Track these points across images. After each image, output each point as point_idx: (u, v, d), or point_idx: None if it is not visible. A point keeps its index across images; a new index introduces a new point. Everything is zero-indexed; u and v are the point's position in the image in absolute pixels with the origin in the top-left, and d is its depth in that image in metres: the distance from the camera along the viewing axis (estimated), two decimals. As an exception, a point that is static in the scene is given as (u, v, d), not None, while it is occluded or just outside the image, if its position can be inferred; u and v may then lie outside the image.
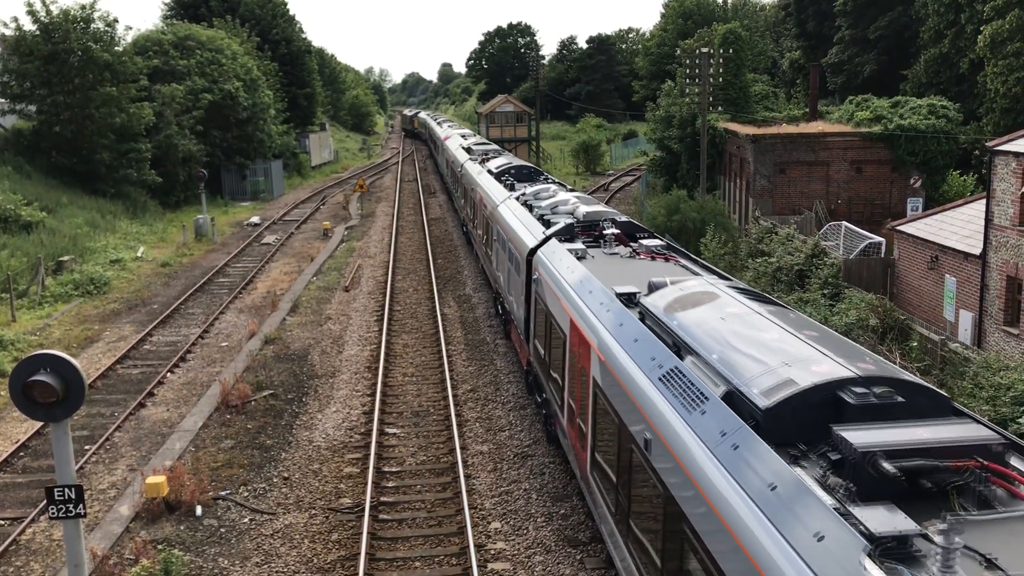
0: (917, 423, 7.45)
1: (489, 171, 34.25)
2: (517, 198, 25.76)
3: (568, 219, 20.44)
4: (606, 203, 49.75)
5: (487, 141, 58.12)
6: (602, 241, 18.46)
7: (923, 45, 56.11)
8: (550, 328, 16.74)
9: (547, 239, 19.28)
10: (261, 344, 26.04)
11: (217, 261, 38.52)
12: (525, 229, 21.57)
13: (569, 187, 28.70)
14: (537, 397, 19.73)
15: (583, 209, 20.75)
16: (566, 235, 19.23)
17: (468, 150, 47.74)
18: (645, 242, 18.04)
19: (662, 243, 18.15)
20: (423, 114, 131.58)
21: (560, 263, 16.93)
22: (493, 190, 29.49)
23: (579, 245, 17.87)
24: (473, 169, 37.58)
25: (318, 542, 15.03)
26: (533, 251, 19.51)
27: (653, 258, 16.85)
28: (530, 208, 23.51)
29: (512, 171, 32.71)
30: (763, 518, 6.91)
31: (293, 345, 26.31)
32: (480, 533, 15.11)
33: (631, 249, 17.67)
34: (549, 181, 30.37)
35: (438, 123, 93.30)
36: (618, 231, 18.71)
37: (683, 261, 16.38)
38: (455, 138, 59.69)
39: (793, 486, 6.87)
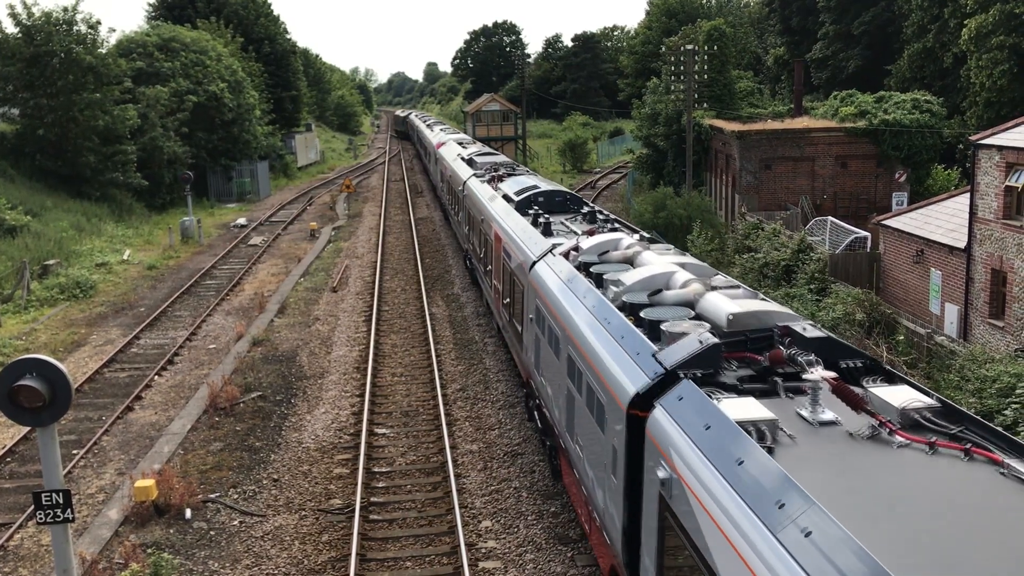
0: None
1: (506, 197, 25.41)
2: (569, 255, 16.19)
3: (693, 328, 10.39)
4: (593, 201, 49.84)
5: (491, 150, 47.02)
6: (791, 392, 8.97)
7: (907, 40, 56.41)
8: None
9: (666, 383, 9.54)
10: (249, 346, 25.97)
11: (204, 263, 38.38)
12: (623, 362, 10.78)
13: (644, 235, 18.23)
14: None
15: (718, 304, 11.06)
16: (706, 368, 9.52)
17: (470, 162, 38.00)
18: (877, 391, 8.49)
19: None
20: (413, 115, 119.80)
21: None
22: (521, 235, 20.01)
23: (755, 410, 8.33)
24: (481, 192, 28.55)
25: (308, 543, 15.01)
26: (642, 406, 9.67)
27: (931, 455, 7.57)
28: (600, 283, 13.76)
29: (539, 198, 23.61)
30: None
31: (281, 346, 26.25)
32: (471, 532, 15.12)
33: (874, 426, 7.93)
34: (598, 216, 21.20)
35: (428, 125, 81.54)
36: (832, 377, 8.58)
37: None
38: (451, 145, 49.16)
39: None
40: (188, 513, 15.88)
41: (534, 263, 17.30)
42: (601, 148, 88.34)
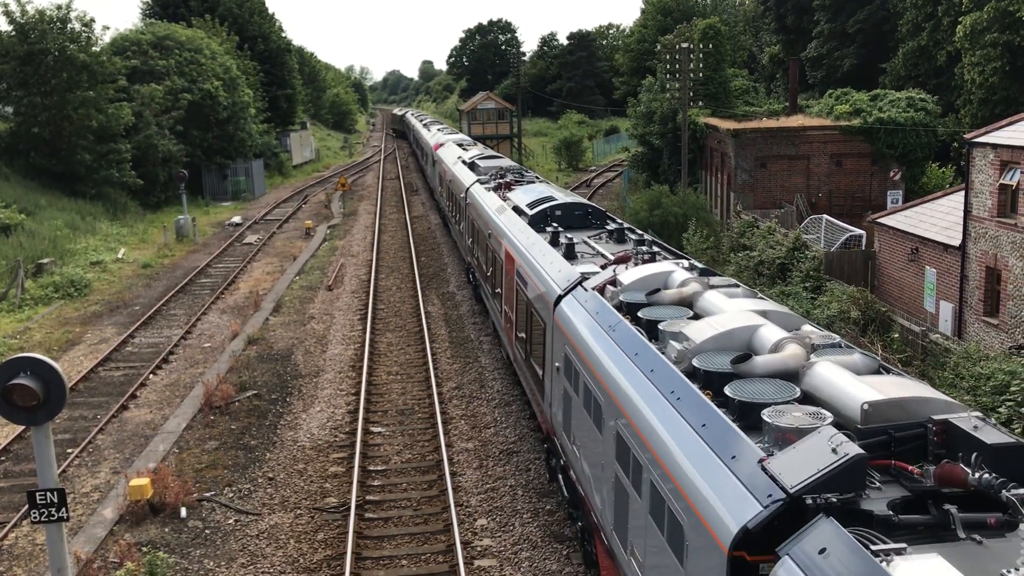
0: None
1: (517, 210, 22.40)
2: (605, 290, 13.48)
3: (811, 420, 7.64)
4: (589, 199, 49.89)
5: (494, 152, 43.15)
6: (971, 530, 6.31)
7: (901, 38, 56.48)
8: None
9: (789, 514, 6.72)
10: (244, 344, 25.93)
11: (199, 262, 38.32)
12: (711, 468, 7.87)
13: (694, 263, 14.64)
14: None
15: (845, 387, 8.15)
16: (846, 492, 6.66)
17: (472, 166, 35.17)
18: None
19: None
20: (409, 114, 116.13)
21: None
22: (539, 258, 17.12)
23: None
24: (487, 202, 25.73)
25: (304, 542, 15.00)
26: (754, 549, 6.92)
27: None
28: (654, 335, 11.07)
29: (556, 211, 20.75)
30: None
31: (276, 345, 26.22)
32: (466, 530, 15.12)
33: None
34: (627, 234, 18.49)
35: (424, 125, 77.38)
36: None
37: None
38: (450, 147, 45.82)
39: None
40: (183, 512, 15.86)
41: (560, 297, 14.38)
42: (596, 146, 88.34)
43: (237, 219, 50.06)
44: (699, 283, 12.34)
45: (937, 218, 27.14)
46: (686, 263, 14.34)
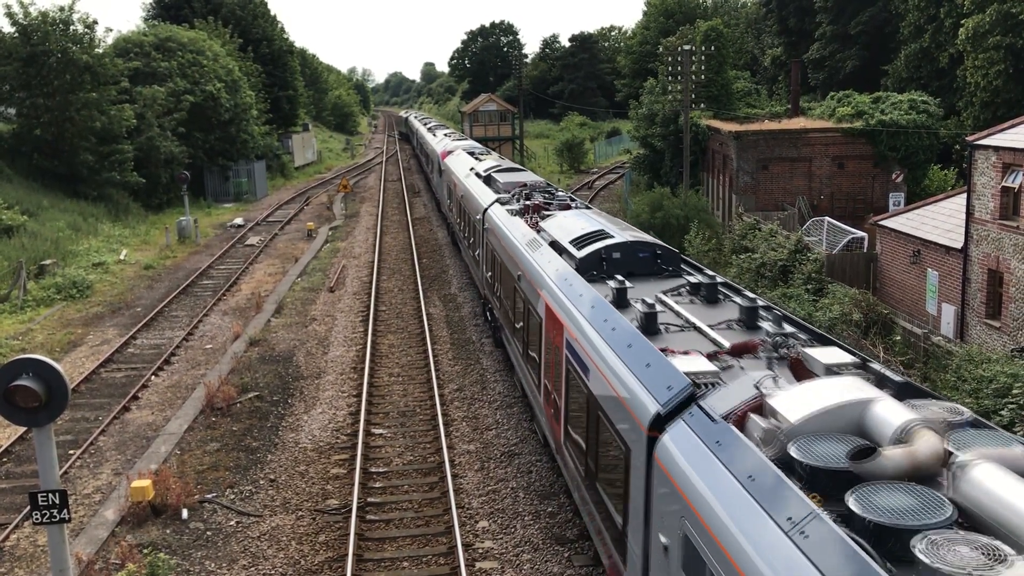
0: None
1: (558, 247, 17.16)
2: (747, 424, 8.47)
3: None
4: (590, 201, 49.83)
5: (512, 163, 37.09)
6: None
7: (903, 40, 56.48)
8: None
9: None
10: (246, 346, 25.94)
11: (201, 263, 38.34)
12: None
13: (871, 363, 9.54)
14: None
15: None
16: None
17: (488, 180, 29.78)
18: None
19: None
20: (412, 116, 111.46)
21: None
22: (608, 335, 12.00)
23: None
24: (514, 231, 20.56)
25: (305, 544, 14.99)
26: None
27: None
28: (874, 536, 6.20)
29: (612, 253, 15.58)
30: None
31: (278, 346, 26.22)
32: (468, 532, 15.11)
33: None
34: (720, 289, 13.61)
35: (430, 129, 72.17)
36: None
37: None
38: (460, 156, 40.75)
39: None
40: (185, 513, 15.86)
41: (659, 420, 9.25)
42: (598, 148, 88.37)
43: (239, 220, 50.10)
44: (936, 432, 7.12)
45: (939, 220, 27.12)
46: (871, 375, 9.03)
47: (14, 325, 28.52)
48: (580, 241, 16.46)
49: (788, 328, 11.03)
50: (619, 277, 13.98)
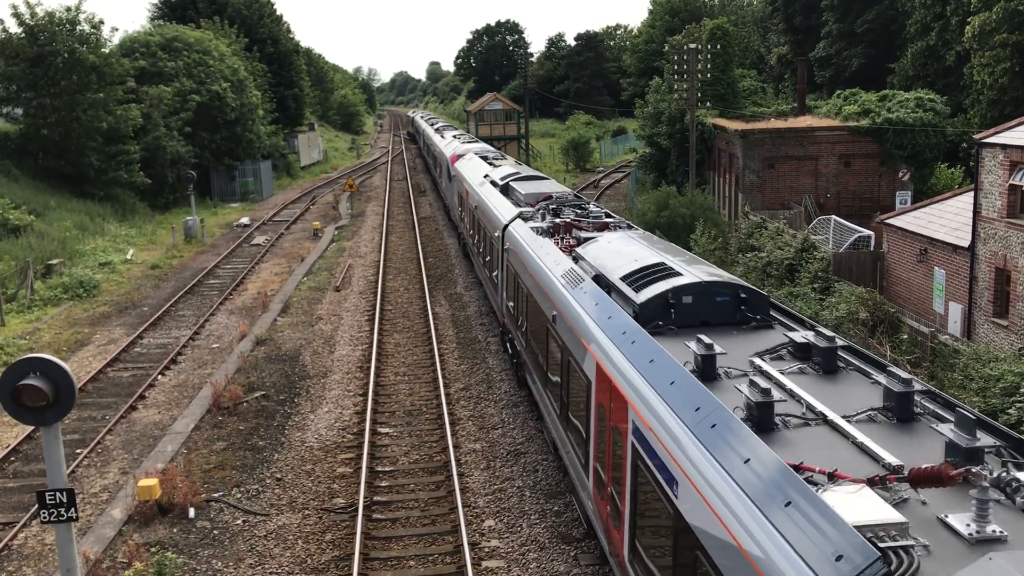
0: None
1: (605, 283, 14.04)
2: None
3: None
4: (596, 200, 49.79)
5: (532, 171, 32.47)
6: None
7: (909, 38, 56.31)
8: None
9: None
10: (252, 345, 25.98)
11: (207, 262, 38.41)
12: None
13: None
14: None
15: None
16: None
17: (506, 190, 27.33)
18: None
19: None
20: (418, 116, 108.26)
21: None
22: (687, 418, 8.86)
23: None
24: (543, 257, 17.48)
25: (312, 543, 15.01)
26: None
27: None
28: None
29: (682, 296, 12.25)
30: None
31: (284, 346, 26.26)
32: (474, 531, 15.12)
33: None
34: (842, 354, 10.30)
35: (437, 130, 69.62)
36: None
37: None
38: (472, 160, 38.10)
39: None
40: (192, 512, 15.90)
41: None
42: (604, 147, 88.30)
43: (245, 220, 50.17)
44: None
45: (946, 219, 27.04)
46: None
47: (21, 324, 28.61)
48: (637, 278, 13.06)
49: (987, 438, 7.56)
50: (702, 338, 10.26)
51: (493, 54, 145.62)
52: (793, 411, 8.69)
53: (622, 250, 15.09)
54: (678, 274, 12.65)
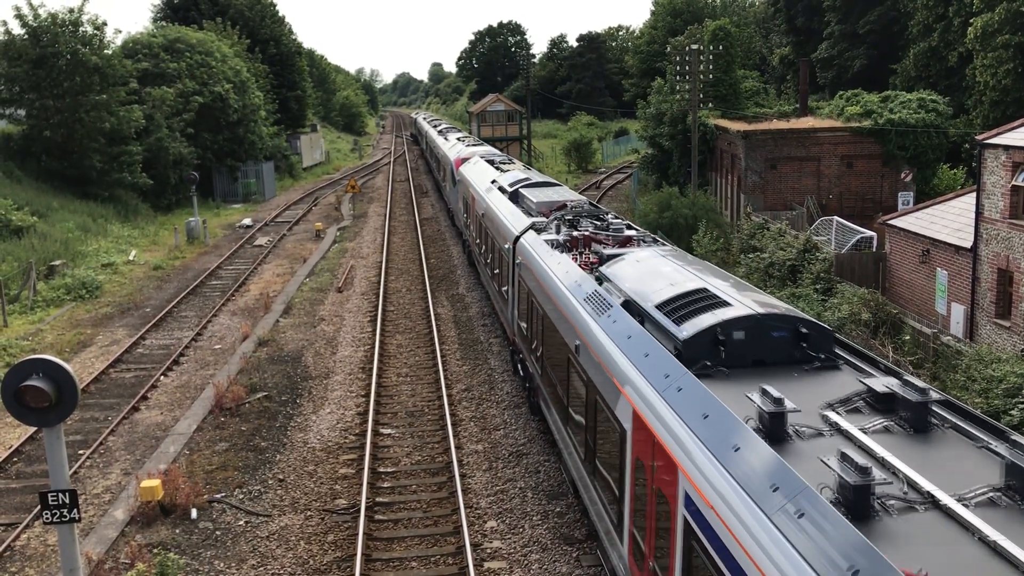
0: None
1: (636, 310, 12.27)
2: None
3: None
4: (598, 201, 49.79)
5: (543, 176, 30.69)
6: None
7: (912, 39, 56.29)
8: None
9: None
10: (255, 346, 26.00)
11: (209, 263, 38.44)
12: None
13: None
14: None
15: None
16: None
17: (516, 197, 25.72)
18: None
19: None
20: (420, 117, 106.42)
21: None
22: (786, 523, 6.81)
23: None
24: (562, 276, 15.82)
25: (314, 544, 15.02)
26: None
27: None
28: None
29: (732, 331, 10.20)
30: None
31: (287, 347, 26.27)
32: (476, 532, 15.12)
33: None
34: (938, 413, 8.41)
35: (440, 132, 68.19)
36: None
37: None
38: (478, 164, 36.63)
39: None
40: (194, 513, 15.91)
41: None
42: (606, 148, 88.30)
43: (247, 221, 50.21)
44: None
45: (948, 220, 27.02)
46: None
47: (24, 325, 28.64)
48: (676, 307, 11.25)
49: None
50: (768, 389, 8.41)
51: (495, 55, 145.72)
52: (892, 490, 6.84)
53: (655, 271, 13.36)
54: (725, 303, 10.83)
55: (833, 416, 8.38)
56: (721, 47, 49.98)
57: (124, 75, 47.20)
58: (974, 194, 25.51)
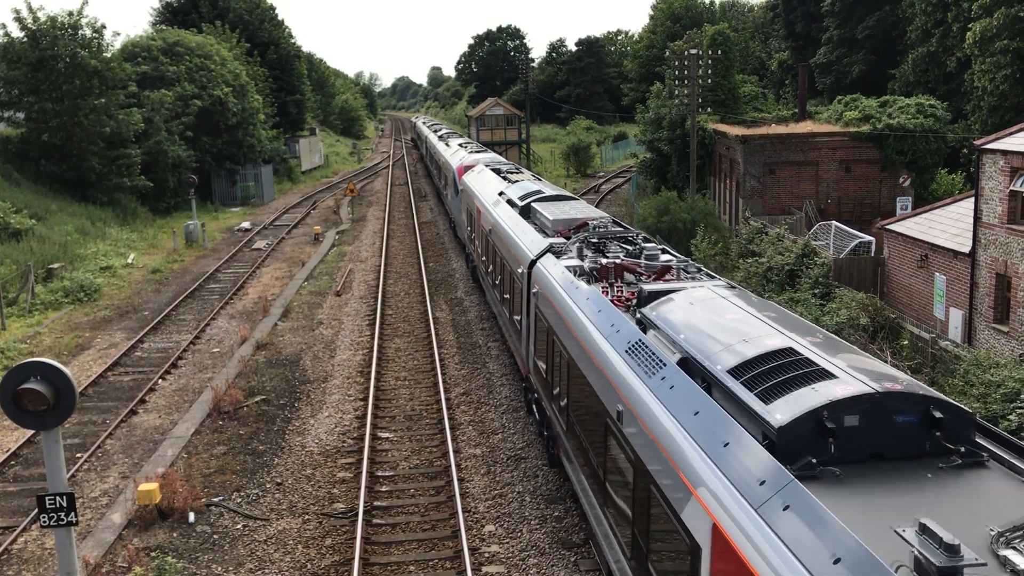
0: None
1: (711, 380, 9.32)
2: None
3: None
4: (597, 205, 49.82)
5: (556, 188, 27.40)
6: None
7: (910, 44, 56.37)
8: None
9: None
10: (253, 350, 25.98)
11: (208, 267, 38.43)
12: None
13: None
14: None
15: None
16: None
17: (527, 212, 23.03)
18: None
19: None
20: (420, 122, 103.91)
21: None
22: None
23: None
24: (592, 315, 13.27)
25: (312, 547, 15.00)
26: None
27: None
28: None
29: (843, 415, 7.51)
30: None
31: (285, 350, 26.26)
32: (474, 536, 15.11)
33: None
34: None
35: (441, 137, 65.18)
36: None
37: None
38: (483, 173, 34.36)
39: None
40: (191, 517, 15.89)
41: None
42: (605, 152, 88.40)
43: (246, 224, 50.20)
44: None
45: (947, 225, 27.05)
46: None
47: (22, 328, 28.62)
48: (759, 376, 8.65)
49: None
50: (928, 524, 5.98)
51: (494, 59, 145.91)
52: None
53: (717, 318, 10.61)
54: (826, 373, 8.18)
55: (1012, 556, 5.78)
56: (720, 52, 50.10)
57: (123, 78, 47.21)
58: (972, 199, 25.53)
